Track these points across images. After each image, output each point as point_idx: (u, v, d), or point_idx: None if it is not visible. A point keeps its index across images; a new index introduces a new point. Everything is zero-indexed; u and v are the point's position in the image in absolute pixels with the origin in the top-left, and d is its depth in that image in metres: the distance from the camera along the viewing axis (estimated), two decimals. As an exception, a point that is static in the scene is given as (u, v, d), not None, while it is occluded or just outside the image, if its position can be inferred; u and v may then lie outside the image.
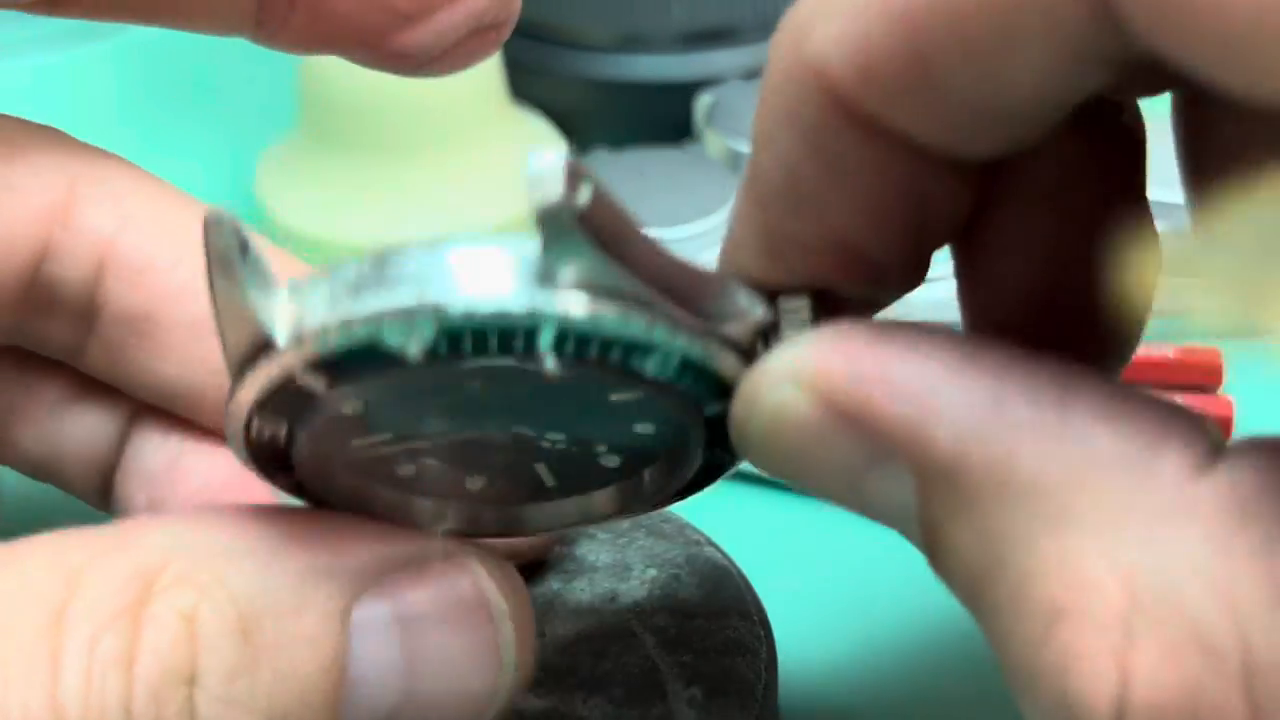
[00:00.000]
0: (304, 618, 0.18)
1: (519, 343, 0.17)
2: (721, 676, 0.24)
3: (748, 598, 0.25)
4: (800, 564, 0.30)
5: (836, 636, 0.29)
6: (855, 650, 0.28)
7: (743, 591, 0.25)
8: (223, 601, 0.17)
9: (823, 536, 0.31)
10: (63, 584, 0.17)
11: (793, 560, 0.30)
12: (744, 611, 0.25)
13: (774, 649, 0.24)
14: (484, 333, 0.16)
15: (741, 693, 0.23)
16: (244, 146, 0.42)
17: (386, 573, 0.18)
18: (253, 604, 0.17)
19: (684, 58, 0.41)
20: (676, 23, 0.41)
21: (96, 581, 0.17)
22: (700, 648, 0.24)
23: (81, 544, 0.18)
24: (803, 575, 0.30)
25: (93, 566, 0.17)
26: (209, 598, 0.17)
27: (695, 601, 0.25)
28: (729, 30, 0.41)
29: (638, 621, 0.24)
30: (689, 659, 0.24)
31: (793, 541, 0.31)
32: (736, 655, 0.24)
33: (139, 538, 0.18)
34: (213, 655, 0.17)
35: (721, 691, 0.23)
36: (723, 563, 0.26)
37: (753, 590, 0.25)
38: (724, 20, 0.41)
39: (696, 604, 0.25)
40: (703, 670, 0.24)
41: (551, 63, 0.42)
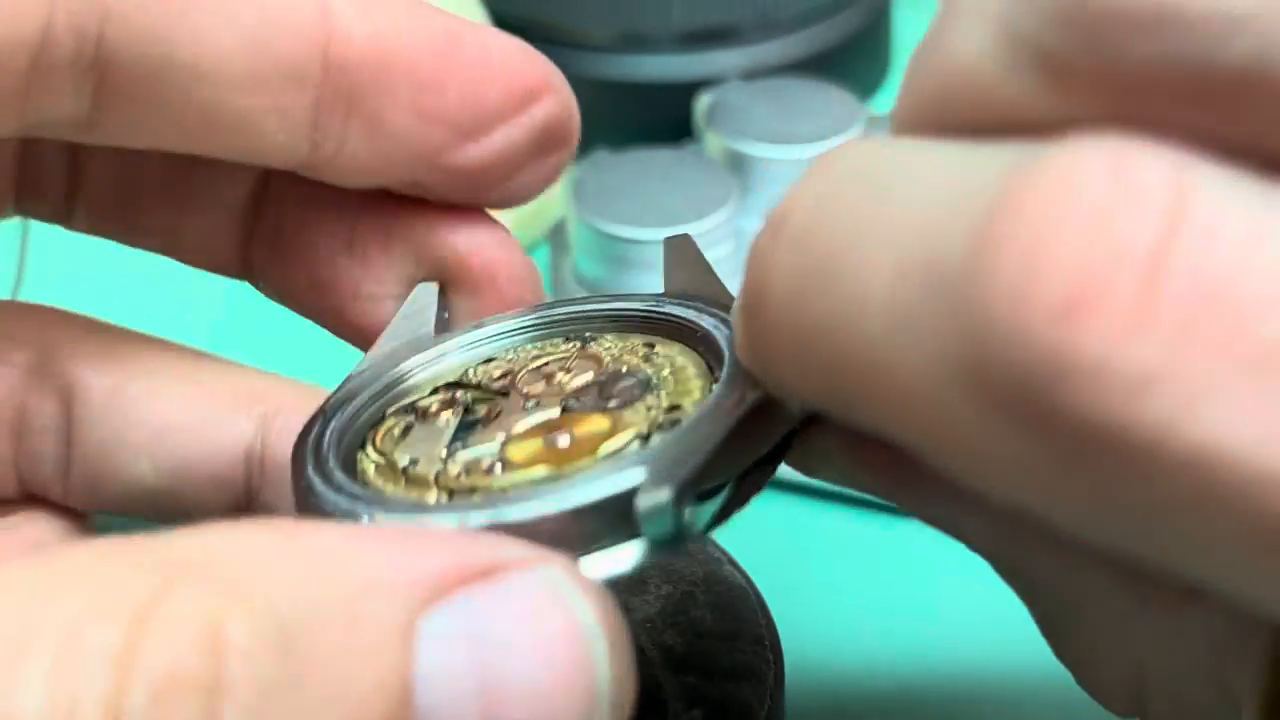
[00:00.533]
0: (360, 632, 0.15)
1: None
2: (725, 701, 0.24)
3: (761, 621, 0.25)
4: (821, 589, 0.30)
5: (848, 666, 0.29)
6: (867, 681, 0.28)
7: (756, 614, 0.25)
8: (259, 606, 0.15)
9: (845, 559, 0.31)
10: (54, 580, 0.15)
11: (813, 584, 0.31)
12: (756, 635, 0.25)
13: (782, 675, 0.24)
14: None
15: (744, 719, 0.23)
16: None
17: (458, 584, 0.16)
18: (296, 612, 0.15)
19: (684, 58, 0.41)
20: (676, 23, 0.41)
21: (99, 575, 0.15)
22: (707, 669, 0.24)
23: (96, 545, 0.16)
24: (822, 600, 0.30)
25: (99, 563, 0.15)
26: (243, 601, 0.15)
27: (707, 622, 0.25)
28: (729, 30, 0.41)
29: (647, 638, 0.24)
30: (694, 680, 0.24)
31: (816, 564, 0.31)
32: (743, 680, 0.24)
33: (162, 540, 0.16)
34: (245, 664, 0.15)
35: (723, 716, 0.23)
36: (740, 583, 0.26)
37: (768, 613, 0.25)
38: (724, 20, 0.41)
39: (708, 624, 0.25)
40: (707, 693, 0.24)
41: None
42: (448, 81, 0.23)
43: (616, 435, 0.20)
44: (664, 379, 0.22)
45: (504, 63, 0.24)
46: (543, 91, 0.24)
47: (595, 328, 0.24)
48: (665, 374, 0.22)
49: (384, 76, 0.23)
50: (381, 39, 0.23)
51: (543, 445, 0.20)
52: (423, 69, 0.23)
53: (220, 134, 0.23)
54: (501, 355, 0.24)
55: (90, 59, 0.21)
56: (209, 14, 0.22)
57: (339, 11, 0.23)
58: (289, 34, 0.22)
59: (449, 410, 0.22)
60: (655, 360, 0.22)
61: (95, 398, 0.25)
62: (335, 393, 0.23)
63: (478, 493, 0.20)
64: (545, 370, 0.23)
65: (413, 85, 0.23)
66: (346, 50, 0.23)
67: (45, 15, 0.21)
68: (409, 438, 0.22)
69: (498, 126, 0.24)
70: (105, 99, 0.22)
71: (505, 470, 0.20)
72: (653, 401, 0.21)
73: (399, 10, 0.24)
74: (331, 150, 0.24)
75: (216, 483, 0.25)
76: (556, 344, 0.24)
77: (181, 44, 0.22)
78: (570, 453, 0.20)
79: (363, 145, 0.24)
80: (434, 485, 0.20)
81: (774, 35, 0.42)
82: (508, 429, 0.21)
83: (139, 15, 0.21)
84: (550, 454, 0.20)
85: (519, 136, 0.24)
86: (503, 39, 0.25)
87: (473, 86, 0.24)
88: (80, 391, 0.25)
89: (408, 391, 0.23)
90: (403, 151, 0.24)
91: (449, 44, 0.24)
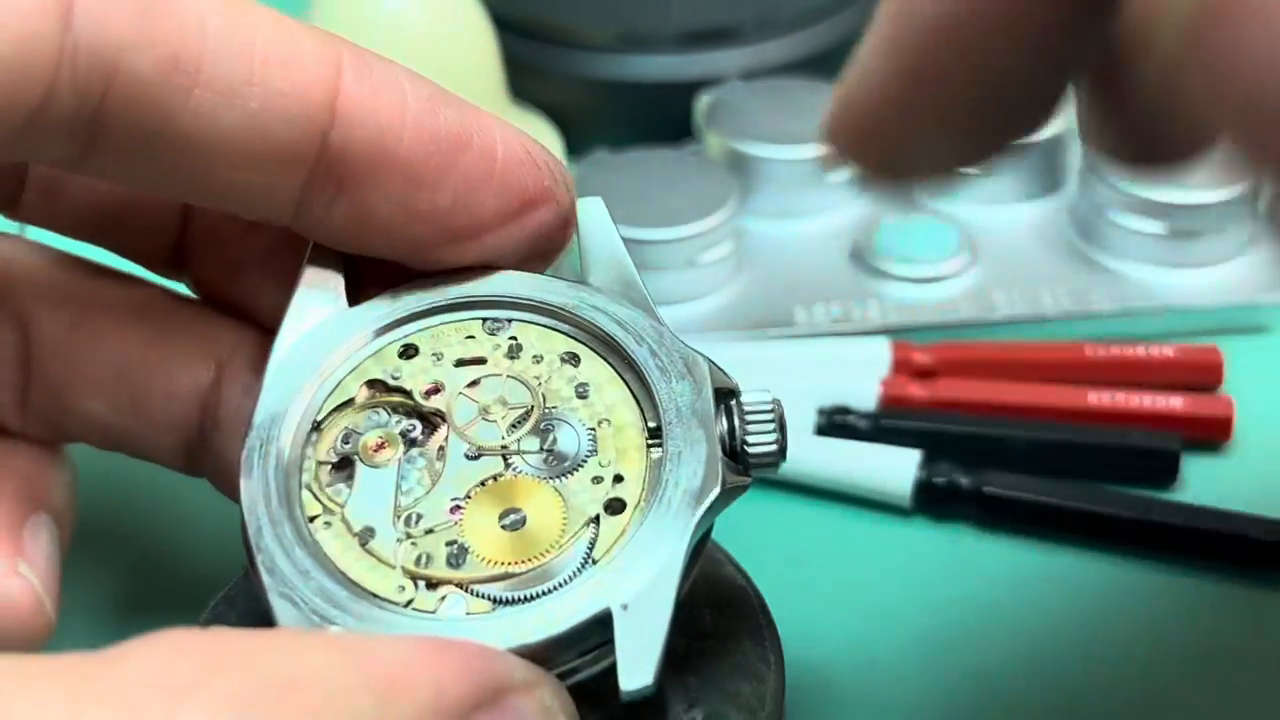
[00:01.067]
0: None
1: None
2: (725, 701, 0.23)
3: (762, 622, 0.25)
4: (821, 589, 0.30)
5: (849, 666, 0.29)
6: (867, 681, 0.28)
7: (757, 615, 0.25)
8: None
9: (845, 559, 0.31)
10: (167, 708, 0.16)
11: (813, 584, 0.30)
12: (756, 636, 0.25)
13: (783, 676, 0.24)
14: None
15: None
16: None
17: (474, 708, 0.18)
18: None
19: (684, 58, 0.41)
20: (676, 23, 0.41)
21: (205, 706, 0.16)
22: (707, 670, 0.24)
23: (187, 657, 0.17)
24: (822, 600, 0.30)
25: (202, 688, 0.16)
26: None
27: (707, 622, 0.25)
28: (729, 30, 0.41)
29: None
30: (694, 681, 0.24)
31: (816, 564, 0.31)
32: (743, 681, 0.24)
33: (251, 654, 0.17)
34: None
35: (723, 717, 0.23)
36: (740, 583, 0.26)
37: (768, 614, 0.25)
38: (724, 20, 0.41)
39: (708, 625, 0.25)
40: (707, 693, 0.24)
41: (551, 63, 0.41)
42: (444, 184, 0.23)
43: (568, 521, 0.22)
44: (602, 438, 0.23)
45: (507, 171, 0.23)
46: (541, 202, 0.24)
47: (519, 318, 0.24)
48: (603, 430, 0.23)
49: (378, 172, 0.22)
50: (382, 134, 0.22)
51: (500, 532, 0.22)
52: (419, 169, 0.23)
53: (205, 196, 0.23)
54: (423, 342, 0.24)
55: (89, 118, 0.21)
56: (216, 94, 0.21)
57: (347, 98, 0.22)
58: (292, 121, 0.22)
59: (388, 449, 0.23)
60: (588, 399, 0.23)
61: (52, 331, 0.25)
62: (264, 397, 0.23)
63: (444, 587, 0.22)
64: (476, 395, 0.23)
65: (407, 183, 0.23)
66: (346, 139, 0.22)
67: (50, 77, 0.20)
68: (354, 486, 0.22)
69: (488, 233, 0.24)
70: (96, 151, 0.21)
71: (465, 561, 0.22)
72: (596, 469, 0.23)
73: (412, 103, 0.23)
74: (314, 222, 0.23)
75: (170, 424, 0.25)
76: (477, 333, 0.24)
77: (182, 119, 0.21)
78: (527, 545, 0.22)
79: (348, 226, 0.23)
80: (397, 568, 0.22)
81: (774, 35, 0.42)
82: (455, 485, 0.23)
83: (144, 89, 0.21)
84: (509, 547, 0.22)
85: (508, 243, 0.24)
86: (515, 141, 0.24)
87: (469, 191, 0.23)
88: (37, 324, 0.25)
89: (336, 387, 0.23)
90: (385, 241, 0.23)
91: (453, 147, 0.23)
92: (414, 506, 0.22)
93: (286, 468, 0.22)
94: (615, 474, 0.23)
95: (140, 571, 0.31)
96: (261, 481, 0.22)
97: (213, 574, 0.26)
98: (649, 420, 0.23)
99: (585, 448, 0.23)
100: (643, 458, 0.23)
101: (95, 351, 0.25)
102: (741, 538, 0.27)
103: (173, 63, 0.21)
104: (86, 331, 0.25)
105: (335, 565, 0.22)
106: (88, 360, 0.25)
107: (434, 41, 0.38)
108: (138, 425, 0.26)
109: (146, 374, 0.25)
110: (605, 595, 0.21)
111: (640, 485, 0.22)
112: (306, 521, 0.22)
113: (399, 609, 0.21)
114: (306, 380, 0.23)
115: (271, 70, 0.21)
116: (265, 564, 0.21)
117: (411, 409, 0.23)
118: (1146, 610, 0.30)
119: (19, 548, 0.24)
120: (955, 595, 0.30)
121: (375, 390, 0.24)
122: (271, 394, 0.23)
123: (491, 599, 0.21)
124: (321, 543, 0.22)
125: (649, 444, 0.23)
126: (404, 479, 0.23)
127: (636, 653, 0.20)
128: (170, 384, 0.25)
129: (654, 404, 0.23)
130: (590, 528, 0.22)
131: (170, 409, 0.25)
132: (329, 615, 0.21)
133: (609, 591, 0.21)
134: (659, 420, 0.23)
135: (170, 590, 0.30)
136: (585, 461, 0.23)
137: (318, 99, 0.22)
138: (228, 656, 0.17)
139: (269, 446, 0.22)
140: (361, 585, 0.21)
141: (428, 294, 0.24)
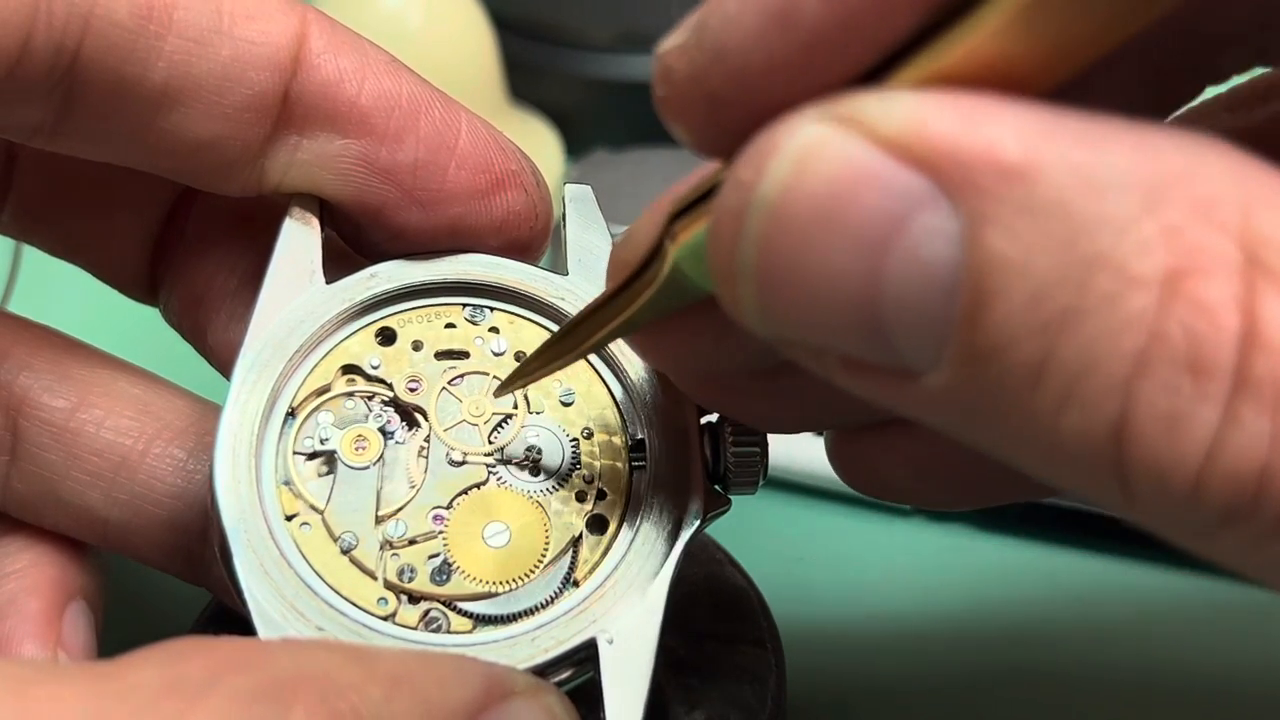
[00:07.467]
0: None
1: None
2: (726, 703, 0.23)
3: (763, 623, 0.25)
4: (821, 589, 0.30)
5: (849, 666, 0.29)
6: (868, 682, 0.28)
7: (758, 616, 0.25)
8: None
9: (845, 559, 0.31)
10: (184, 705, 0.16)
11: (814, 585, 0.31)
12: (757, 638, 0.25)
13: (784, 677, 0.24)
14: None
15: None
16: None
17: (482, 710, 0.19)
18: None
19: (684, 58, 0.41)
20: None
21: (221, 701, 0.16)
22: (708, 671, 0.24)
23: (199, 659, 0.17)
24: (823, 601, 0.30)
25: (218, 689, 0.17)
26: None
27: (709, 624, 0.25)
28: (729, 30, 0.41)
29: None
30: (695, 682, 0.24)
31: (816, 564, 0.31)
32: (744, 682, 0.24)
33: (264, 655, 0.17)
34: None
35: (724, 718, 0.23)
36: (742, 585, 0.26)
37: (769, 615, 0.25)
38: (724, 20, 0.41)
39: (710, 626, 0.25)
40: (708, 694, 0.24)
41: (551, 63, 0.41)
42: (404, 141, 0.23)
43: (551, 540, 0.22)
44: (585, 450, 0.23)
45: (472, 145, 0.24)
46: (509, 185, 0.24)
47: (500, 308, 0.24)
48: (586, 443, 0.23)
49: (337, 118, 0.23)
50: (341, 79, 0.23)
51: (484, 548, 0.22)
52: (378, 121, 0.23)
53: (177, 156, 0.23)
54: (401, 327, 0.24)
55: (64, 72, 0.21)
56: (188, 41, 0.22)
57: (309, 50, 0.23)
58: (261, 69, 0.22)
59: (369, 447, 0.22)
60: (572, 406, 0.23)
61: (48, 418, 0.25)
62: (240, 389, 0.22)
63: (426, 602, 0.21)
64: (458, 393, 0.23)
65: (366, 132, 0.23)
66: (306, 82, 0.23)
67: (27, 28, 0.20)
68: (334, 487, 0.22)
69: (455, 204, 0.24)
70: (71, 111, 0.22)
71: (449, 579, 0.21)
72: (579, 484, 0.23)
73: (373, 62, 0.23)
74: (279, 177, 0.23)
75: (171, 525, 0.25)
76: (458, 321, 0.24)
77: (156, 67, 0.22)
78: (511, 563, 0.22)
79: (309, 181, 0.23)
80: (379, 579, 0.21)
81: (774, 35, 0.42)
82: (437, 493, 0.22)
83: (119, 35, 0.21)
84: (493, 565, 0.22)
85: (476, 220, 0.24)
86: (481, 126, 0.24)
87: (431, 154, 0.23)
88: (31, 408, 0.25)
89: (311, 371, 0.23)
90: (353, 197, 0.24)
91: (414, 107, 0.23)
92: (396, 513, 0.22)
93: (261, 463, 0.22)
94: (598, 490, 0.22)
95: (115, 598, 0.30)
96: (238, 491, 0.22)
97: (190, 595, 0.26)
98: (633, 431, 0.23)
99: (568, 460, 0.23)
100: (625, 473, 0.23)
101: (92, 442, 0.25)
102: (741, 538, 0.27)
103: (147, 8, 0.21)
104: (83, 420, 0.25)
105: (315, 569, 0.21)
106: (85, 451, 0.25)
107: (433, 41, 0.38)
108: (136, 521, 0.25)
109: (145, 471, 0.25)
110: (590, 626, 0.21)
111: (622, 502, 0.22)
112: (284, 521, 0.22)
113: (382, 625, 0.21)
114: (281, 364, 0.23)
115: (239, 21, 0.22)
116: (250, 592, 0.21)
117: (391, 401, 0.23)
118: (1146, 610, 0.30)
119: (59, 638, 0.24)
120: (955, 595, 0.30)
121: (353, 377, 0.23)
122: (246, 387, 0.22)
123: (474, 616, 0.21)
124: (300, 544, 0.21)
125: (631, 460, 0.23)
126: (386, 480, 0.22)
127: (623, 696, 0.20)
128: None
129: (637, 414, 0.23)
130: (572, 547, 0.22)
131: None
132: (319, 627, 0.21)
133: (594, 621, 0.21)
134: (643, 433, 0.23)
135: (145, 616, 0.29)
136: (569, 476, 0.22)
137: (284, 46, 0.23)
138: (239, 657, 0.17)
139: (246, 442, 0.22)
140: (341, 593, 0.21)
141: (403, 274, 0.24)
